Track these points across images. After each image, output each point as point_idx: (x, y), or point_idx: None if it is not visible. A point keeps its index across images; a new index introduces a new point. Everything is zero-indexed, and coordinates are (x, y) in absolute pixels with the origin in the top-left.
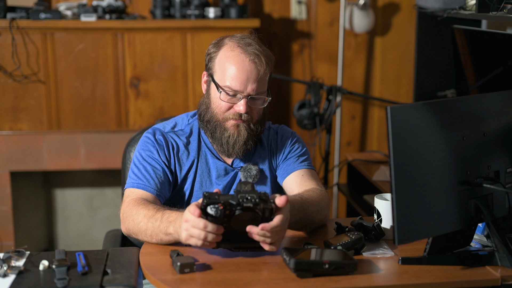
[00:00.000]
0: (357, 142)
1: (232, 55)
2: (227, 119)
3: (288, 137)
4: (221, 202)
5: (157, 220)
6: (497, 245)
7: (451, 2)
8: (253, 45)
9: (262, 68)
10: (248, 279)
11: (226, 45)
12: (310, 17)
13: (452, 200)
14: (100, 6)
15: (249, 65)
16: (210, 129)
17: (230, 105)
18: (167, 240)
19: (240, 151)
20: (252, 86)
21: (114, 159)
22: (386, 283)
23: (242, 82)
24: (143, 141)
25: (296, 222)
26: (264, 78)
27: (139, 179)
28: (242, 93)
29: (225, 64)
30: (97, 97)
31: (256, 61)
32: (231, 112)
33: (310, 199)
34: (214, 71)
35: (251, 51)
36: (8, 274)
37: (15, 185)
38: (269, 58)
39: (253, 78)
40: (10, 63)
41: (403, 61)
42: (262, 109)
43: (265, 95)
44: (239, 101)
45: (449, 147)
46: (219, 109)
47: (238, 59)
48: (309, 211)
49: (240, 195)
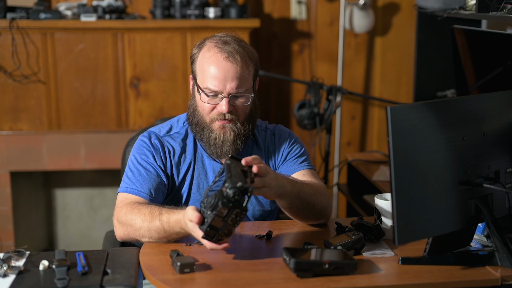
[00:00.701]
0: (357, 142)
1: (208, 56)
2: (213, 121)
3: (285, 138)
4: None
5: (160, 230)
6: (497, 245)
7: (451, 2)
8: (230, 43)
9: (239, 66)
10: (248, 279)
11: (205, 46)
12: (310, 17)
13: (452, 200)
14: (100, 6)
15: (225, 64)
16: (199, 132)
17: (213, 106)
18: (177, 238)
19: (229, 152)
20: (231, 85)
21: (114, 159)
22: (386, 283)
23: (220, 81)
24: (139, 145)
25: (295, 195)
26: (244, 76)
27: (133, 184)
28: (222, 93)
29: (203, 66)
30: (97, 97)
31: (231, 59)
32: (215, 112)
33: (303, 181)
34: (196, 74)
35: (227, 50)
36: (8, 274)
37: (15, 185)
38: (249, 55)
39: (230, 76)
40: (10, 63)
41: (403, 61)
42: (248, 107)
43: (248, 93)
44: (221, 100)
45: (449, 147)
46: (204, 111)
47: (214, 59)
48: (304, 190)
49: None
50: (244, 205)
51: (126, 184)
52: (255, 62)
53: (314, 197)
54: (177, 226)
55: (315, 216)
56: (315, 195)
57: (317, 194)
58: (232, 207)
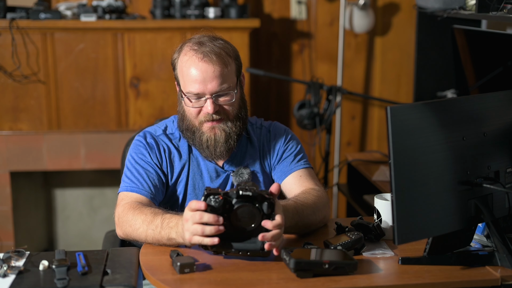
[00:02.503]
0: (357, 142)
1: (185, 60)
2: (202, 123)
3: (281, 135)
4: (221, 194)
5: (157, 227)
6: (497, 245)
7: (451, 2)
8: (205, 43)
9: (216, 65)
10: (248, 279)
11: (183, 50)
12: (310, 17)
13: (452, 200)
14: (100, 6)
15: (202, 65)
16: (190, 136)
17: (198, 109)
18: (169, 244)
19: (223, 152)
20: (212, 84)
21: (114, 159)
22: (386, 283)
23: (200, 83)
24: (135, 145)
25: (292, 226)
26: (223, 73)
27: (133, 183)
28: (205, 94)
29: (183, 70)
30: (97, 97)
31: (207, 59)
32: (202, 115)
33: (305, 201)
34: (178, 79)
35: (202, 51)
36: (8, 274)
37: (15, 185)
38: (227, 52)
39: (210, 76)
40: (10, 63)
41: (403, 61)
42: (236, 104)
43: (231, 90)
44: (205, 102)
45: (449, 147)
46: (191, 115)
47: (191, 62)
48: (304, 214)
49: (240, 187)
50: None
51: (126, 184)
52: (235, 58)
53: (313, 217)
54: (172, 231)
55: (309, 230)
56: (314, 214)
57: (317, 212)
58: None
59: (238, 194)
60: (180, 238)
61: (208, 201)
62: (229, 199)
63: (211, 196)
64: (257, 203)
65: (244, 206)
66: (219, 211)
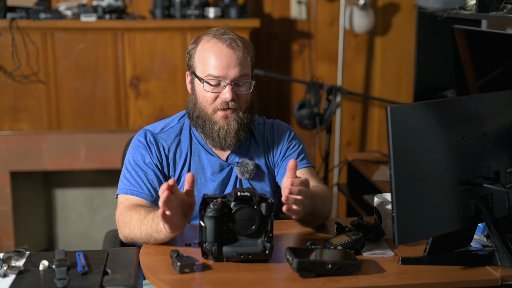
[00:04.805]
0: (357, 142)
1: (208, 46)
2: (215, 111)
3: (284, 132)
4: (219, 198)
5: (149, 221)
6: (497, 245)
7: (451, 2)
8: (227, 33)
9: (240, 52)
10: (248, 279)
11: (203, 39)
12: (310, 17)
13: (452, 200)
14: (100, 6)
15: (227, 50)
16: (200, 125)
17: (215, 95)
18: (161, 239)
19: (233, 142)
20: (234, 71)
21: (114, 159)
22: (386, 283)
23: (223, 68)
24: (135, 145)
25: (310, 213)
26: (245, 62)
27: (132, 185)
28: (225, 80)
29: (204, 56)
30: (97, 97)
31: (233, 45)
32: (218, 102)
33: (317, 192)
34: (195, 67)
35: (227, 38)
36: (8, 274)
37: (15, 185)
38: (247, 44)
39: (233, 62)
40: (10, 63)
41: (403, 61)
42: (249, 96)
43: (249, 79)
44: (224, 88)
45: (449, 147)
46: (206, 102)
47: (215, 48)
48: (318, 205)
49: (237, 189)
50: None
51: (126, 186)
52: (252, 54)
53: (324, 210)
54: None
55: (319, 223)
56: (325, 208)
57: (326, 205)
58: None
59: (236, 196)
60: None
61: (206, 207)
62: (228, 203)
63: (209, 202)
64: (255, 205)
65: (243, 208)
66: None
